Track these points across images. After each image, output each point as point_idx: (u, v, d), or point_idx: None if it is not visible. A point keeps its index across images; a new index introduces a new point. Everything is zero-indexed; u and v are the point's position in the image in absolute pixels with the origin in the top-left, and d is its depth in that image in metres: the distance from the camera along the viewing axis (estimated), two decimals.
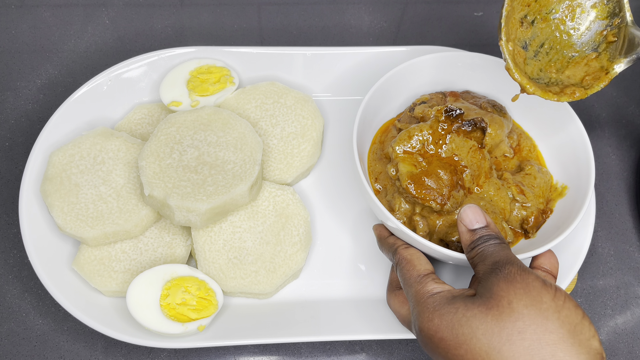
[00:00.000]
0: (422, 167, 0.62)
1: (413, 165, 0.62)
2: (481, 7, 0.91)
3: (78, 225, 0.63)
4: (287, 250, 0.65)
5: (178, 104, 0.71)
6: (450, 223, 0.62)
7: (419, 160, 0.63)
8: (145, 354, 0.65)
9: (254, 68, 0.77)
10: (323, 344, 0.66)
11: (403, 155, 0.63)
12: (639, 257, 0.73)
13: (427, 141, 0.64)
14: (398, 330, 0.63)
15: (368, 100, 0.67)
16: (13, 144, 0.76)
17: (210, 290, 0.62)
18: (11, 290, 0.67)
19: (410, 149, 0.64)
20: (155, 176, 0.63)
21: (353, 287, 0.67)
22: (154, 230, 0.65)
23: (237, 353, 0.65)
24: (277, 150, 0.71)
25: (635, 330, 0.69)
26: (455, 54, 0.70)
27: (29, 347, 0.64)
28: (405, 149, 0.63)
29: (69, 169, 0.66)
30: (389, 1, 0.91)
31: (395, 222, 0.58)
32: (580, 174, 0.65)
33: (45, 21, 0.86)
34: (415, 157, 0.63)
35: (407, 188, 0.61)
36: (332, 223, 0.71)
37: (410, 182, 0.61)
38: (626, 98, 0.85)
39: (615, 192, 0.77)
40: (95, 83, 0.72)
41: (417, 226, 0.62)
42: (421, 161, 0.63)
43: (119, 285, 0.63)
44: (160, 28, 0.87)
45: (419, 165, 0.63)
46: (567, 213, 0.63)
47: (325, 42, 0.87)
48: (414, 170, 0.62)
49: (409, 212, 0.64)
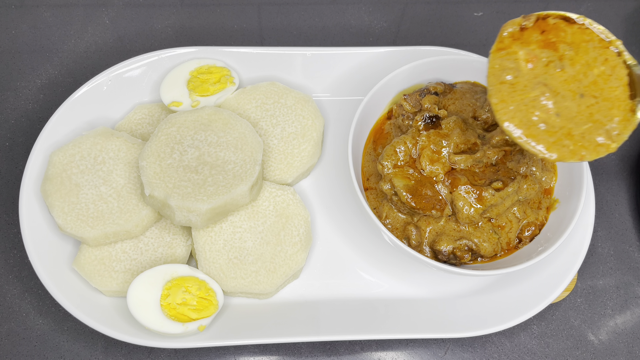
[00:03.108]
0: (415, 178, 0.63)
1: (407, 178, 0.62)
2: (481, 7, 0.91)
3: (78, 225, 0.63)
4: (287, 250, 0.65)
5: (178, 104, 0.71)
6: (439, 231, 0.63)
7: (410, 172, 0.63)
8: (146, 354, 0.65)
9: (254, 68, 0.77)
10: (323, 344, 0.66)
11: (395, 170, 0.63)
12: (639, 257, 0.73)
13: (411, 152, 0.64)
14: (398, 330, 0.63)
15: (366, 104, 0.67)
16: (13, 144, 0.76)
17: (211, 290, 0.62)
18: (11, 290, 0.67)
19: (398, 163, 0.64)
20: (156, 176, 0.63)
21: (353, 287, 0.67)
22: (154, 230, 0.65)
23: (237, 353, 0.65)
24: (277, 150, 0.71)
25: (635, 330, 0.69)
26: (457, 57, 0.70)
27: (29, 347, 0.64)
28: (394, 163, 0.63)
29: (69, 169, 0.66)
30: (389, 1, 0.91)
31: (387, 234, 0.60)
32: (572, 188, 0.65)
33: (45, 21, 0.86)
34: (406, 170, 0.63)
35: (407, 202, 0.61)
36: (333, 223, 0.71)
37: (409, 196, 0.61)
38: None
39: (615, 192, 0.77)
40: (95, 83, 0.72)
41: (410, 235, 0.63)
42: (412, 172, 0.63)
43: (120, 285, 0.63)
44: (160, 28, 0.86)
45: (412, 177, 0.63)
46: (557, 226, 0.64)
47: (325, 42, 0.87)
48: (409, 182, 0.62)
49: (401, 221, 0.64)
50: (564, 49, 0.57)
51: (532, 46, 0.57)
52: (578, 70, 0.57)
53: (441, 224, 0.63)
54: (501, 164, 0.63)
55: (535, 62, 0.57)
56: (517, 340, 0.67)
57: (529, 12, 0.91)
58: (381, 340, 0.66)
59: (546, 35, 0.58)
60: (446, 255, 0.62)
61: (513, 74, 0.57)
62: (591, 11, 0.92)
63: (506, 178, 0.62)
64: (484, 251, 0.62)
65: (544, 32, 0.58)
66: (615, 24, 0.91)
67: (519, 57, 0.57)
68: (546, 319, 0.69)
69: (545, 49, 0.57)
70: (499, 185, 0.61)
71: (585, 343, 0.68)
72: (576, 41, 0.57)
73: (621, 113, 0.56)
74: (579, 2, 0.93)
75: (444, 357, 0.66)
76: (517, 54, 0.57)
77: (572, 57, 0.57)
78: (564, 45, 0.57)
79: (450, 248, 0.62)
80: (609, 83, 0.56)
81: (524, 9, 0.91)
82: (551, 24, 0.58)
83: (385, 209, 0.65)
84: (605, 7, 0.93)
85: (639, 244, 0.74)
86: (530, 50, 0.57)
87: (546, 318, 0.69)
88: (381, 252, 0.69)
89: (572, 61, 0.57)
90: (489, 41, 0.88)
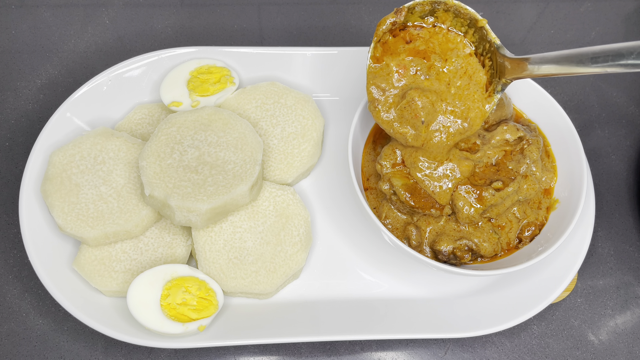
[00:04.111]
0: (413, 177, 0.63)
1: (405, 178, 0.62)
2: (481, 7, 0.91)
3: (78, 225, 0.63)
4: (287, 250, 0.65)
5: (178, 104, 0.71)
6: (439, 231, 0.63)
7: (408, 171, 0.63)
8: (145, 354, 0.65)
9: (254, 68, 0.77)
10: (323, 344, 0.66)
11: (393, 170, 0.63)
12: (639, 257, 0.73)
13: None
14: (398, 330, 0.63)
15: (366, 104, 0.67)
16: (13, 144, 0.76)
17: (211, 290, 0.62)
18: (11, 290, 0.67)
19: (396, 162, 0.64)
20: (156, 176, 0.63)
21: (353, 287, 0.67)
22: (154, 230, 0.65)
23: (237, 353, 0.65)
24: (277, 150, 0.71)
25: (635, 330, 0.69)
26: None
27: (29, 347, 0.64)
28: (392, 162, 0.63)
29: (69, 169, 0.66)
30: (389, 1, 0.91)
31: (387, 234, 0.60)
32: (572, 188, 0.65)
33: (45, 21, 0.86)
34: (405, 169, 0.63)
35: (406, 201, 0.61)
36: (333, 223, 0.71)
37: (408, 195, 0.61)
38: (626, 98, 0.85)
39: (615, 192, 0.77)
40: (95, 83, 0.72)
41: (410, 235, 0.63)
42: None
43: (120, 285, 0.63)
44: (160, 28, 0.86)
45: (410, 176, 0.63)
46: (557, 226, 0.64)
47: (325, 42, 0.87)
48: (408, 182, 0.62)
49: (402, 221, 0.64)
50: (434, 59, 0.61)
51: (402, 56, 0.62)
52: (443, 80, 0.62)
53: (441, 224, 0.63)
54: (501, 164, 0.63)
55: (404, 71, 0.62)
56: (517, 340, 0.67)
57: (529, 12, 0.91)
58: (381, 340, 0.66)
59: (413, 43, 0.62)
60: (446, 255, 0.62)
61: (386, 86, 0.62)
62: (591, 11, 0.92)
63: (506, 178, 0.62)
64: (484, 251, 0.62)
65: (410, 41, 0.62)
66: (616, 24, 0.91)
67: (391, 70, 0.62)
68: (546, 319, 0.69)
69: (415, 57, 0.62)
70: (499, 185, 0.61)
71: (585, 343, 0.68)
72: (443, 50, 0.62)
73: (476, 109, 0.61)
74: (579, 2, 0.93)
75: (444, 357, 0.66)
76: (389, 66, 0.62)
77: (437, 71, 0.62)
78: (434, 55, 0.61)
79: (451, 248, 0.62)
80: (469, 89, 0.62)
81: (523, 9, 0.91)
82: (414, 34, 0.62)
83: (385, 209, 0.65)
84: (605, 7, 0.93)
85: (639, 244, 0.74)
86: (400, 60, 0.62)
87: (546, 318, 0.69)
88: (381, 252, 0.69)
89: (437, 75, 0.62)
90: None
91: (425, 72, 0.61)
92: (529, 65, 0.56)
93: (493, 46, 0.60)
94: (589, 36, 0.90)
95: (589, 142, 0.80)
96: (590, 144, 0.80)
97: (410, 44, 0.61)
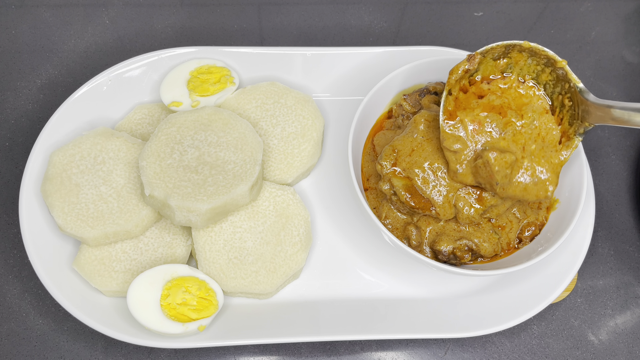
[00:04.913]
0: None
1: (406, 178, 0.62)
2: (481, 7, 0.91)
3: (78, 225, 0.63)
4: (287, 250, 0.65)
5: (178, 104, 0.71)
6: (439, 231, 0.63)
7: None
8: (145, 354, 0.65)
9: (254, 68, 0.77)
10: (323, 344, 0.66)
11: (393, 169, 0.63)
12: (639, 257, 0.73)
13: None
14: (398, 330, 0.63)
15: (366, 104, 0.67)
16: (13, 144, 0.76)
17: (211, 290, 0.62)
18: (11, 290, 0.67)
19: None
20: (156, 176, 0.63)
21: (353, 287, 0.67)
22: (154, 230, 0.65)
23: (237, 353, 0.65)
24: (277, 150, 0.71)
25: (635, 330, 0.69)
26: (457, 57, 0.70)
27: (29, 347, 0.64)
28: (392, 162, 0.63)
29: (69, 169, 0.66)
30: (389, 1, 0.91)
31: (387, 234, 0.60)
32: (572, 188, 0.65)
33: (45, 21, 0.86)
34: None
35: (406, 202, 0.61)
36: (333, 223, 0.71)
37: (408, 195, 0.61)
38: (626, 98, 0.85)
39: (615, 192, 0.77)
40: (95, 83, 0.72)
41: (410, 235, 0.63)
42: None
43: (120, 285, 0.63)
44: (160, 28, 0.86)
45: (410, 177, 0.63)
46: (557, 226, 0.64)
47: (325, 42, 0.87)
48: (408, 182, 0.62)
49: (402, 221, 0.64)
50: (511, 115, 0.59)
51: (476, 111, 0.60)
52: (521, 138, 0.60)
53: (441, 224, 0.63)
54: None
55: (480, 127, 0.59)
56: (517, 340, 0.67)
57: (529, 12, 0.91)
58: (381, 340, 0.66)
59: (487, 98, 0.60)
60: (446, 255, 0.62)
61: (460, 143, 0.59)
62: (591, 11, 0.92)
63: None
64: (484, 251, 0.62)
65: (482, 97, 0.60)
66: (616, 24, 0.91)
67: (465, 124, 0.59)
68: (546, 319, 0.69)
69: (490, 112, 0.60)
70: None
71: (585, 343, 0.68)
72: (518, 105, 0.60)
73: (549, 162, 0.60)
74: (579, 2, 0.93)
75: (444, 357, 0.66)
76: (463, 122, 0.59)
77: (514, 129, 0.60)
78: (510, 110, 0.60)
79: (451, 248, 0.62)
80: (544, 152, 0.60)
81: (523, 9, 0.91)
82: (485, 89, 0.60)
83: (385, 209, 0.65)
84: (606, 7, 0.93)
85: (639, 244, 0.74)
86: (474, 116, 0.59)
87: (546, 318, 0.69)
88: (381, 252, 0.69)
89: (514, 134, 0.59)
90: (489, 41, 0.88)
91: (501, 128, 0.59)
92: (614, 112, 0.54)
93: (573, 87, 0.58)
94: (589, 36, 0.90)
95: (589, 142, 0.80)
96: (590, 144, 0.80)
97: (483, 99, 0.60)
